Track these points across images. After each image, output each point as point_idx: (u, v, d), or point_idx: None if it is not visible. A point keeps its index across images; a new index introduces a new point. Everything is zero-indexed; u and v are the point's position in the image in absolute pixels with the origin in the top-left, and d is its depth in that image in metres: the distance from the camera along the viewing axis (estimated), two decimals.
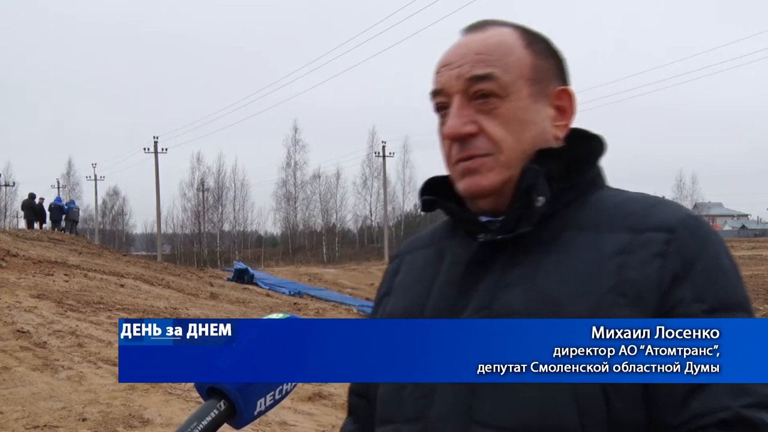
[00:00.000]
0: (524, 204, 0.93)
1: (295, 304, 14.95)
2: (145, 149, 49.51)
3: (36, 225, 26.79)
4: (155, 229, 50.34)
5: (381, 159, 49.77)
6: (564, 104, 1.00)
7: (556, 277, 0.90)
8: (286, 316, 0.84)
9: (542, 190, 0.92)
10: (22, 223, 32.54)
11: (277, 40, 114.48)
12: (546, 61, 1.00)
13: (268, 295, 16.24)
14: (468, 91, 0.96)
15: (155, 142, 48.32)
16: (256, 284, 19.14)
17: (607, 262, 0.89)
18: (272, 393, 0.79)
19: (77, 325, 8.17)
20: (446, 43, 1.02)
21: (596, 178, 1.00)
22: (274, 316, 0.84)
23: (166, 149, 49.03)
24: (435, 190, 1.03)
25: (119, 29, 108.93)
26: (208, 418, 0.74)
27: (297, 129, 59.28)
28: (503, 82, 0.95)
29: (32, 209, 27.18)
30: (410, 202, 61.99)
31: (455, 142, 0.97)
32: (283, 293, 17.49)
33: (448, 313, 0.94)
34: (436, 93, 0.99)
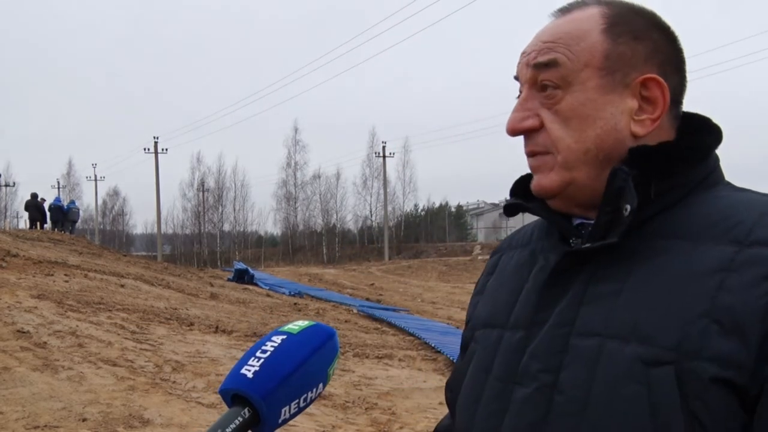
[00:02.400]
0: (614, 209, 0.84)
1: (295, 304, 14.93)
2: (145, 149, 49.71)
3: (37, 225, 26.82)
4: (155, 230, 50.45)
5: (381, 159, 49.97)
6: (652, 95, 0.87)
7: (641, 295, 0.79)
8: (311, 323, 0.84)
9: (630, 197, 0.82)
10: (23, 224, 32.56)
11: (277, 40, 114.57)
12: (629, 45, 0.87)
13: (268, 296, 16.23)
14: (536, 81, 0.89)
15: (155, 142, 48.42)
16: (256, 284, 19.14)
17: (702, 280, 0.76)
18: (297, 401, 0.79)
19: (77, 326, 8.18)
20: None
21: (710, 174, 0.88)
22: (300, 323, 0.84)
23: (166, 149, 49.29)
24: (525, 188, 0.95)
25: (120, 29, 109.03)
26: (232, 426, 0.74)
27: (297, 129, 59.38)
28: (565, 72, 0.87)
29: (38, 209, 27.26)
30: (410, 202, 62.30)
31: (523, 136, 0.90)
32: (283, 293, 17.46)
33: (530, 324, 0.88)
34: (516, 79, 0.93)
